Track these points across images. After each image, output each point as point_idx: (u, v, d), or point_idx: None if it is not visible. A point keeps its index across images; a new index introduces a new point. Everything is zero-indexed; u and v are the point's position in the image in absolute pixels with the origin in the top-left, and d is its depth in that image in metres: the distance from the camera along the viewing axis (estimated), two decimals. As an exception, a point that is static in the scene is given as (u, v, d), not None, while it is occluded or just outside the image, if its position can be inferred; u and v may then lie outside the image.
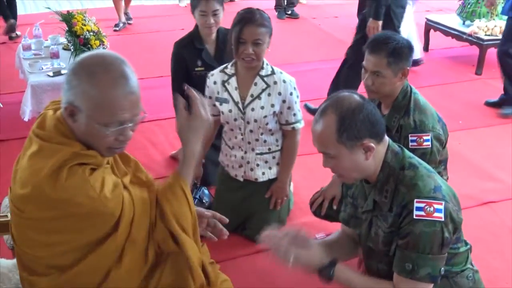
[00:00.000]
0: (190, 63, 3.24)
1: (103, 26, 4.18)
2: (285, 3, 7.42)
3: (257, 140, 2.81)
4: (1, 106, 4.48)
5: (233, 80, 2.76)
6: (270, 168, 2.88)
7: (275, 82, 2.71)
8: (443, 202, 1.72)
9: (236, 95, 2.75)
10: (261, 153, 2.85)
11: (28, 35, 4.31)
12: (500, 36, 5.18)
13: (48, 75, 3.83)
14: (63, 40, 4.23)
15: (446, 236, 1.72)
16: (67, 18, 3.99)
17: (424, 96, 2.64)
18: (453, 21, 5.80)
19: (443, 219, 1.70)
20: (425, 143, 2.38)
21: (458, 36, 5.57)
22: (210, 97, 2.82)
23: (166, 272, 1.74)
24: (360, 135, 1.71)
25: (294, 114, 2.77)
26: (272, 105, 2.72)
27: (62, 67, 3.93)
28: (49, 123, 1.56)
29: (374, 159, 1.77)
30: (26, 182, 1.52)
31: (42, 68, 3.92)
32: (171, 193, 1.71)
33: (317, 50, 6.17)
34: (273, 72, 2.72)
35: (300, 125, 2.80)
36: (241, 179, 2.91)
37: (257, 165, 2.86)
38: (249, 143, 2.82)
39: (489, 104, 4.79)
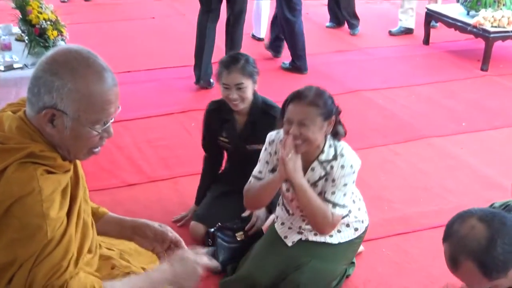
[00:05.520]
0: (216, 130, 2.92)
1: (60, 14, 3.93)
2: None
3: None
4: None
5: None
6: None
7: (331, 167, 2.35)
8: None
9: None
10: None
11: (-25, 24, 4.16)
12: (508, 28, 5.13)
13: (-1, 70, 3.66)
14: (16, 30, 4.00)
15: None
16: (21, 4, 3.78)
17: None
18: (456, 11, 5.64)
19: None
20: None
21: (462, 27, 5.42)
22: None
23: None
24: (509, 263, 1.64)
25: (333, 193, 2.35)
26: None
27: (15, 61, 3.69)
28: (10, 124, 1.51)
29: None
30: None
31: (-8, 62, 3.76)
32: None
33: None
34: (335, 158, 2.35)
35: (337, 212, 2.33)
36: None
37: None
38: None
39: (285, 68, 5.04)
